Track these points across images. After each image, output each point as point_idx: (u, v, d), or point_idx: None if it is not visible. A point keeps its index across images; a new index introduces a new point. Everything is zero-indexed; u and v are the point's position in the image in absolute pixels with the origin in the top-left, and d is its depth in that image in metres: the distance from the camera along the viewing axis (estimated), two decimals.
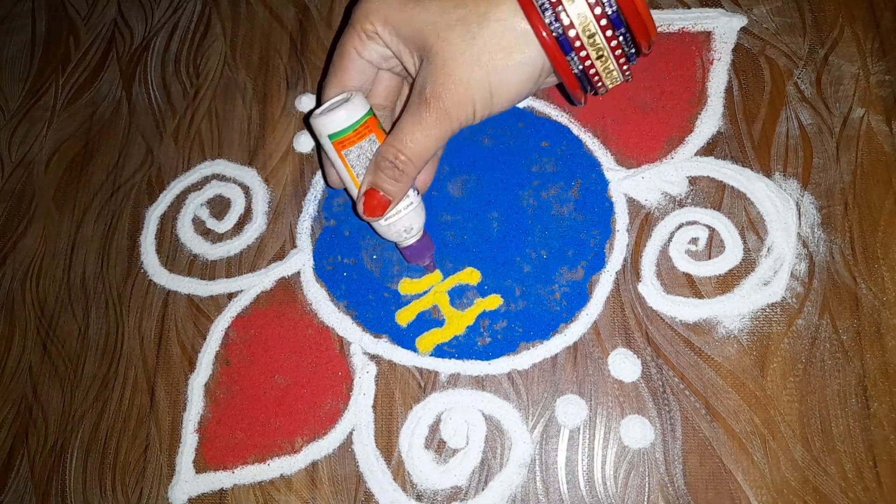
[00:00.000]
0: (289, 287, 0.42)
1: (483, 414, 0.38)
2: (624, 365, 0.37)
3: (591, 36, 0.31)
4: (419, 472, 0.37)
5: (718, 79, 0.42)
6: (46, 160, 0.49)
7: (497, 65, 0.32)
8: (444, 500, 0.36)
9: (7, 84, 0.52)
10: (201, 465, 0.39)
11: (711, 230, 0.39)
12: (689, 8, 0.44)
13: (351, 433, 0.38)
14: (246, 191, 0.45)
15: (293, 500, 0.38)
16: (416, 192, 0.37)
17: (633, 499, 0.35)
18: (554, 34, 0.31)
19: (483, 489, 0.36)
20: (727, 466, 0.35)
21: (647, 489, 0.35)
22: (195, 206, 0.45)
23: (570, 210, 0.41)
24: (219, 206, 0.45)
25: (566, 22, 0.31)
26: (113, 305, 0.43)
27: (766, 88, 0.41)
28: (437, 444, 0.37)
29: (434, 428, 0.38)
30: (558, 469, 0.36)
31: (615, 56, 0.32)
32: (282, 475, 0.38)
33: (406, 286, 0.40)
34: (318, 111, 0.36)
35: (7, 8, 0.55)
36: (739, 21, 0.43)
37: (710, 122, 0.41)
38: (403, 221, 0.37)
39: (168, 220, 0.45)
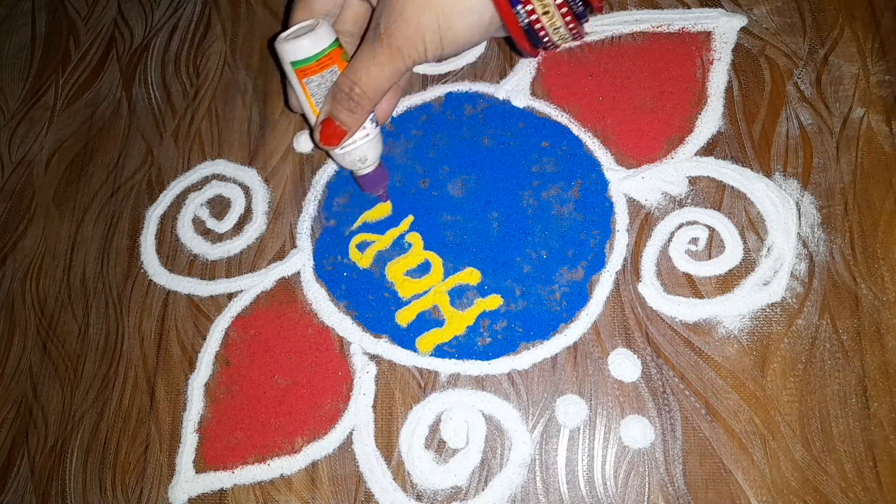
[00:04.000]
0: (289, 287, 0.42)
1: (483, 414, 0.38)
2: (624, 365, 0.37)
3: None
4: (419, 472, 0.37)
5: (718, 79, 0.42)
6: (46, 160, 0.49)
7: (446, 8, 0.33)
8: (444, 500, 0.36)
9: (7, 84, 0.52)
10: (201, 465, 0.39)
11: (711, 230, 0.39)
12: (689, 8, 0.44)
13: (351, 433, 0.38)
14: (246, 191, 0.45)
15: (293, 500, 0.38)
16: (374, 123, 0.39)
17: (633, 499, 0.35)
18: None
19: (483, 489, 0.36)
20: (727, 466, 0.35)
21: (647, 489, 0.35)
22: (195, 206, 0.45)
23: (570, 210, 0.41)
24: (219, 206, 0.45)
25: None
26: (113, 305, 0.43)
27: (766, 88, 0.41)
28: (437, 444, 0.37)
29: (434, 428, 0.38)
30: (558, 469, 0.36)
31: (561, 13, 0.33)
32: (282, 475, 0.38)
33: (406, 286, 0.40)
34: (283, 35, 0.37)
35: (7, 8, 0.55)
36: (739, 21, 0.43)
37: (710, 122, 0.41)
38: (358, 151, 0.38)
39: (168, 220, 0.45)
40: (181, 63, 0.50)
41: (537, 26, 0.34)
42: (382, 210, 0.42)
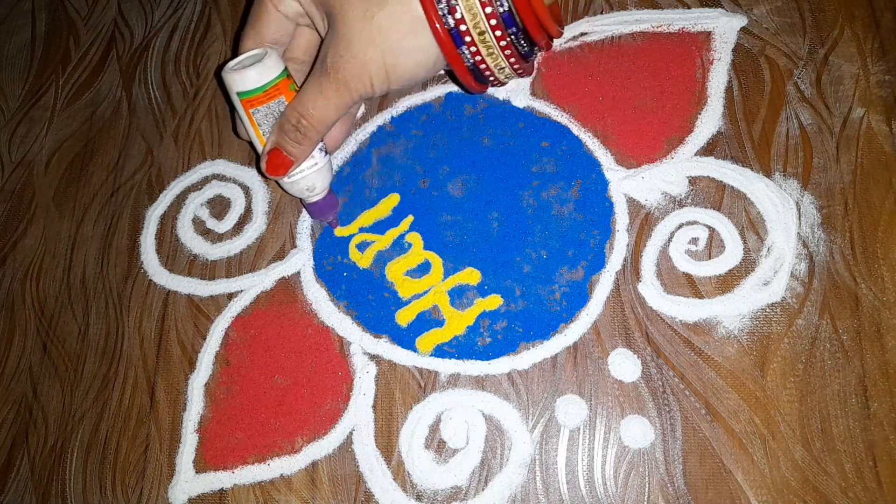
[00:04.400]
0: (289, 287, 0.42)
1: (483, 414, 0.38)
2: (624, 365, 0.37)
3: (482, 33, 0.32)
4: (419, 472, 0.37)
5: (718, 79, 0.42)
6: (46, 160, 0.49)
7: (392, 46, 0.33)
8: (444, 500, 0.36)
9: (7, 84, 0.52)
10: (201, 465, 0.39)
11: (711, 230, 0.39)
12: (689, 8, 0.44)
13: (351, 433, 0.38)
14: (246, 191, 0.45)
15: (293, 500, 0.38)
16: (322, 152, 0.39)
17: (633, 499, 0.35)
18: (447, 27, 0.32)
19: (483, 489, 0.36)
20: (727, 466, 0.35)
21: (647, 489, 0.35)
22: (195, 206, 0.45)
23: (570, 210, 0.41)
24: (219, 206, 0.45)
25: (458, 16, 0.31)
26: (113, 305, 0.43)
27: (766, 88, 0.41)
28: (437, 444, 0.37)
29: (434, 428, 0.38)
30: (558, 469, 0.36)
31: (505, 55, 0.33)
32: (282, 475, 0.38)
33: (406, 286, 0.40)
34: (230, 64, 0.37)
35: (7, 8, 0.55)
36: (739, 21, 0.43)
37: (710, 122, 0.41)
38: (306, 181, 0.39)
39: (168, 220, 0.45)
40: (181, 63, 0.50)
41: (482, 66, 0.34)
42: (381, 210, 0.42)
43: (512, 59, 0.34)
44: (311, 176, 0.38)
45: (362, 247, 0.42)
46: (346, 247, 0.42)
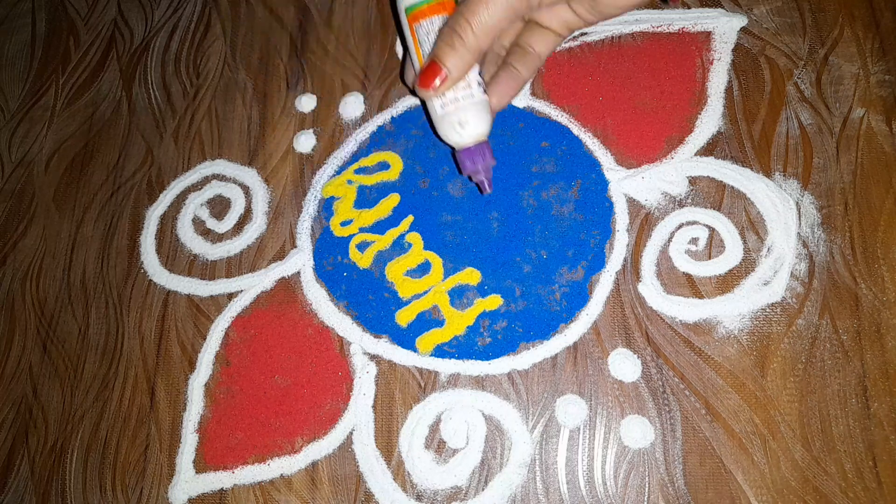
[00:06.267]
0: (289, 287, 0.42)
1: (483, 414, 0.38)
2: (624, 365, 0.37)
3: None
4: (419, 472, 0.37)
5: (718, 79, 0.42)
6: (46, 160, 0.49)
7: None
8: (444, 500, 0.36)
9: (7, 84, 0.52)
10: (201, 465, 0.39)
11: (711, 230, 0.39)
12: (689, 8, 0.44)
13: (351, 433, 0.38)
14: (246, 191, 0.45)
15: (293, 500, 0.38)
16: (482, 90, 0.36)
17: (633, 499, 0.35)
18: None
19: (483, 489, 0.36)
20: (727, 466, 0.35)
21: (647, 489, 0.35)
22: (195, 206, 0.45)
23: (570, 210, 0.41)
24: (219, 206, 0.45)
25: None
26: (113, 305, 0.43)
27: (766, 88, 0.41)
28: (437, 444, 0.37)
29: (434, 428, 0.38)
30: (558, 469, 0.36)
31: None
32: (282, 475, 0.38)
33: (406, 286, 0.40)
34: None
35: (7, 8, 0.55)
36: (739, 21, 0.43)
37: (710, 122, 0.41)
38: (459, 113, 0.35)
39: (168, 220, 0.45)
40: (181, 63, 0.50)
41: None
42: (382, 210, 0.42)
43: None
44: (465, 107, 0.35)
45: (362, 247, 0.42)
46: (346, 247, 0.42)
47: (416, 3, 0.35)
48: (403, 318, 0.40)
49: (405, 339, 0.39)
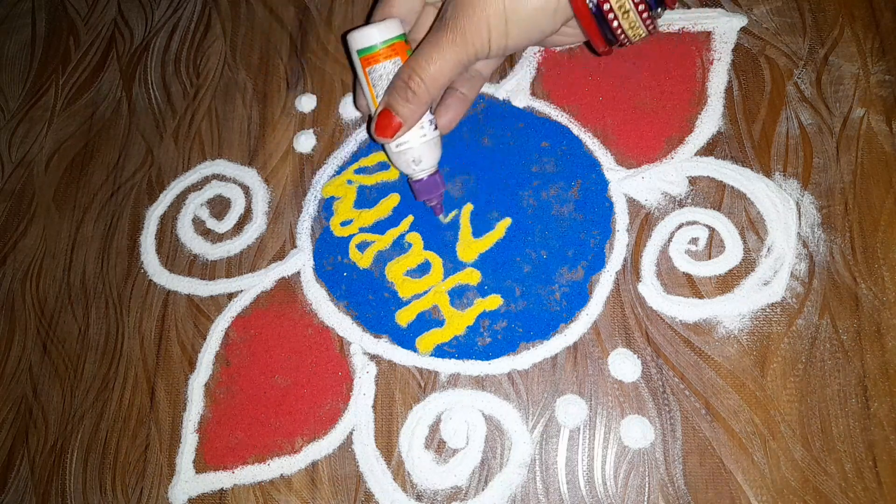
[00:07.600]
0: (289, 287, 0.42)
1: (483, 414, 0.38)
2: (624, 365, 0.37)
3: None
4: (419, 472, 0.37)
5: (718, 79, 0.42)
6: (46, 160, 0.49)
7: None
8: (444, 500, 0.36)
9: (7, 84, 0.52)
10: (201, 465, 0.39)
11: (711, 230, 0.39)
12: (689, 8, 0.44)
13: (351, 433, 0.38)
14: (246, 191, 0.45)
15: (293, 500, 0.38)
16: (433, 126, 0.38)
17: (633, 499, 0.35)
18: None
19: (483, 489, 0.36)
20: (727, 466, 0.35)
21: (647, 489, 0.35)
22: (195, 206, 0.45)
23: (570, 210, 0.41)
24: (219, 206, 0.45)
25: None
26: (113, 305, 0.43)
27: (766, 88, 0.41)
28: (437, 444, 0.37)
29: (434, 428, 0.38)
30: (558, 469, 0.36)
31: (634, 2, 0.32)
32: (282, 475, 0.38)
33: (406, 286, 0.40)
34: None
35: (7, 8, 0.55)
36: (739, 21, 0.43)
37: (710, 122, 0.41)
38: (413, 152, 0.38)
39: (168, 220, 0.45)
40: (181, 63, 0.50)
41: (605, 7, 0.33)
42: (382, 210, 0.42)
43: (641, 7, 0.33)
44: (419, 148, 0.38)
45: (362, 247, 0.42)
46: (346, 247, 0.42)
47: (368, 47, 0.37)
48: (403, 318, 0.40)
49: (405, 339, 0.39)
